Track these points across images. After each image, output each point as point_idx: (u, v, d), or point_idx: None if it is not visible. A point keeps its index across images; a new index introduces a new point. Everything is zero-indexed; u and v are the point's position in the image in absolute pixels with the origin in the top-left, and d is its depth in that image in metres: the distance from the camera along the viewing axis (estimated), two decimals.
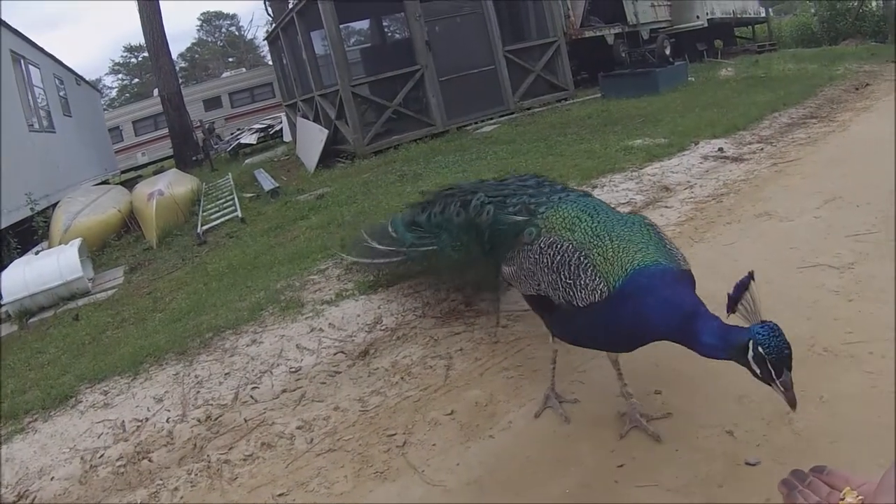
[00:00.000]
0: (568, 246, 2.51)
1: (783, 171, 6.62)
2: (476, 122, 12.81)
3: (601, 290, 2.35)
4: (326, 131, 12.77)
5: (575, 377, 3.26)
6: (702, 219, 5.52)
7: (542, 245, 2.62)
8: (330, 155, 12.78)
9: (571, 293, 2.43)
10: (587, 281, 2.39)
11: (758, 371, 1.91)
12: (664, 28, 18.75)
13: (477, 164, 8.99)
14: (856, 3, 22.95)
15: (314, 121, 14.22)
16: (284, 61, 16.55)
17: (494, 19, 13.30)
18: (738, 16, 22.69)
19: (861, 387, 2.78)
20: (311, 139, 13.35)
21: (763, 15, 25.80)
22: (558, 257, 2.52)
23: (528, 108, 13.19)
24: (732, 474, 2.43)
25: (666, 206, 5.87)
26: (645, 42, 17.26)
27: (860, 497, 1.08)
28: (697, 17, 19.39)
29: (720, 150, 7.73)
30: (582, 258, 2.43)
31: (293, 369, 3.81)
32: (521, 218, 2.94)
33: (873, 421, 2.53)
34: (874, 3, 24.45)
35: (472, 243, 3.34)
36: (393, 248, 4.10)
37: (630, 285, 2.30)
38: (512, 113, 13.17)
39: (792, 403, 1.87)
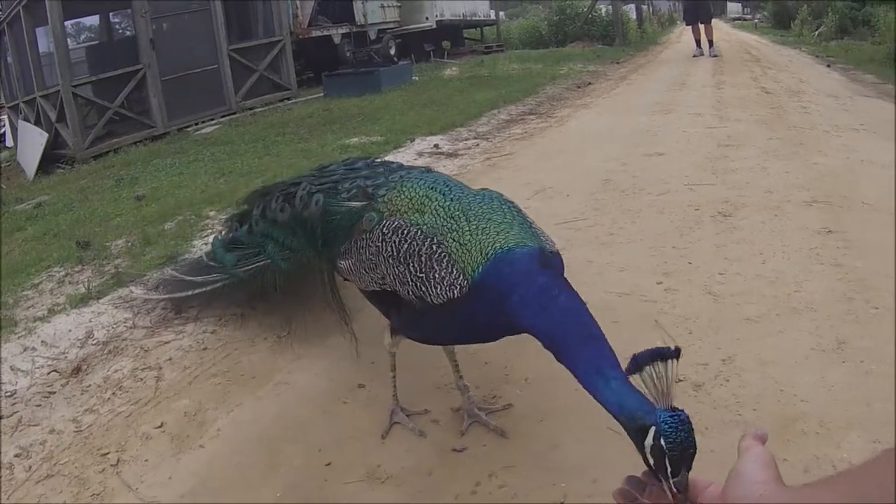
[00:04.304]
0: (416, 232, 2.15)
1: (496, 165, 6.85)
2: (197, 124, 12.54)
3: (460, 283, 2.00)
4: (46, 135, 11.97)
5: (280, 378, 3.28)
6: None
7: (384, 231, 2.24)
8: (51, 160, 11.97)
9: (424, 288, 2.08)
10: (443, 274, 2.03)
11: (651, 462, 1.44)
12: (392, 28, 19.40)
13: (194, 165, 8.91)
14: (585, 9, 24.27)
15: (35, 123, 13.18)
16: (8, 59, 15.04)
17: (221, 17, 13.14)
18: (468, 18, 24.02)
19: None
20: (31, 143, 12.46)
21: (493, 18, 27.56)
22: (405, 245, 2.15)
23: (251, 108, 13.15)
24: (441, 462, 2.48)
25: None
26: (372, 42, 17.85)
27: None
28: (426, 18, 20.27)
29: (436, 146, 7.97)
30: (435, 247, 2.08)
31: (8, 393, 3.55)
32: (357, 203, 2.50)
33: (577, 396, 2.71)
34: (603, 9, 25.70)
35: (304, 246, 2.84)
36: (215, 276, 3.50)
37: (490, 274, 1.96)
38: (234, 113, 13.06)
39: None
